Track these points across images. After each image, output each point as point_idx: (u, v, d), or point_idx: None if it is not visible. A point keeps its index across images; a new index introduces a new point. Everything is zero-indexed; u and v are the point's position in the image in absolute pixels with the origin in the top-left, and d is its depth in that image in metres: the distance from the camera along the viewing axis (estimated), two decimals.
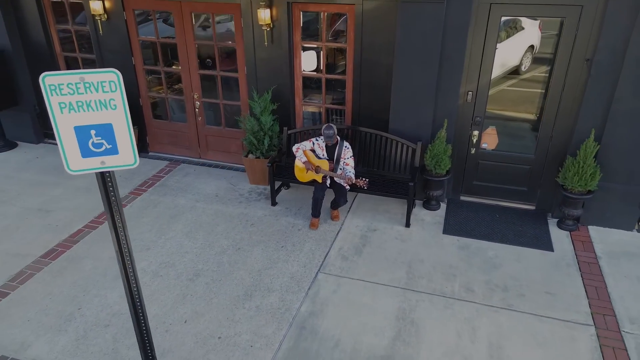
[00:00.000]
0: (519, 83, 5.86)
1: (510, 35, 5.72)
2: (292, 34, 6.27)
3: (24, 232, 5.77)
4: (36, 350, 4.14)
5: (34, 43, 7.53)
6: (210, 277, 5.00)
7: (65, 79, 1.95)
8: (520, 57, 5.88)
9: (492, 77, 5.66)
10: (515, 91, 5.91)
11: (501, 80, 5.90)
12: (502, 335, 4.27)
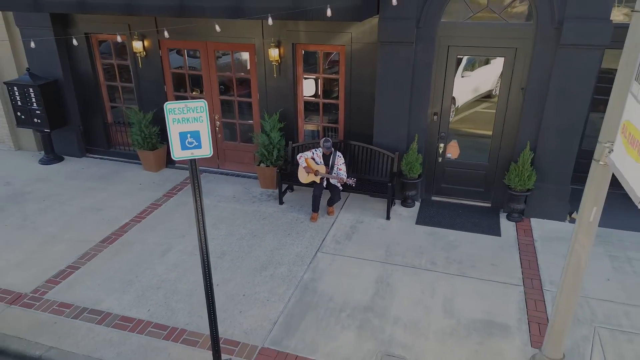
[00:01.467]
0: (491, 106, 7.44)
1: (481, 66, 7.35)
2: (296, 67, 7.90)
3: (84, 225, 7.25)
4: (108, 304, 5.59)
5: (82, 74, 9.14)
6: (233, 256, 6.47)
7: (176, 105, 3.47)
8: (493, 83, 7.46)
9: (467, 100, 7.24)
10: (486, 112, 7.48)
11: (476, 103, 7.48)
12: (455, 292, 5.74)
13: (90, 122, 9.56)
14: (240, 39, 7.85)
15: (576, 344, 4.94)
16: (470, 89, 7.60)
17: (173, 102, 3.49)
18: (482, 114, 7.56)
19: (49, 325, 5.28)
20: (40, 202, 7.92)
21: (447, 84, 7.13)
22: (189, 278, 6.03)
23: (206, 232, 3.94)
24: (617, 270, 6.11)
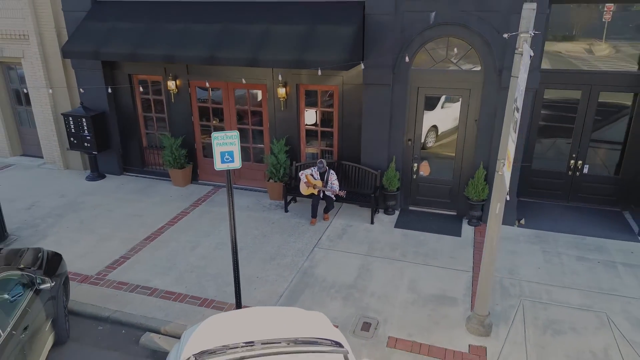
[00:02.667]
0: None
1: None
2: (299, 102, 9.84)
3: (129, 227, 9.10)
4: (154, 283, 7.38)
5: (124, 106, 11.15)
6: (248, 250, 8.26)
7: (219, 134, 5.33)
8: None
9: (448, 128, 9.02)
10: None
11: (455, 130, 9.23)
12: (418, 276, 7.49)
13: (128, 145, 11.52)
14: (255, 80, 9.83)
15: (505, 310, 6.66)
16: (452, 118, 9.34)
17: (217, 132, 5.39)
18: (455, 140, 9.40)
19: (112, 296, 7.07)
20: (92, 210, 9.80)
21: (418, 116, 9.02)
22: (214, 265, 7.82)
23: (235, 223, 5.77)
24: (547, 262, 7.84)
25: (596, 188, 9.52)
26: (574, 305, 6.78)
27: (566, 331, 6.27)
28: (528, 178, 9.75)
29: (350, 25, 8.34)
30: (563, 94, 9.14)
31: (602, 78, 8.81)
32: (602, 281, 7.31)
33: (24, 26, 10.77)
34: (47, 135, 11.76)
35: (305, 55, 8.19)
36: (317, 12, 8.67)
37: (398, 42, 8.45)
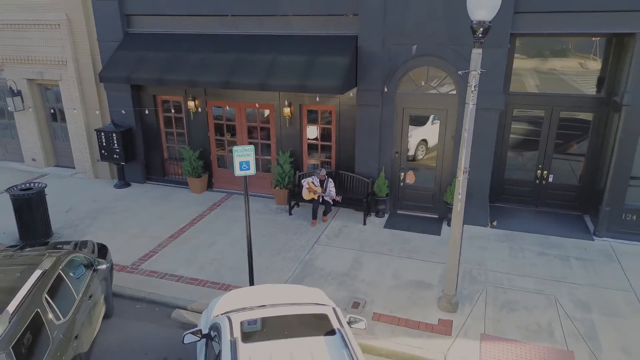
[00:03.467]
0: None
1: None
2: (302, 120, 11.35)
3: (155, 227, 10.57)
4: (180, 272, 8.82)
5: (148, 123, 12.69)
6: (258, 246, 9.69)
7: (239, 147, 6.79)
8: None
9: (436, 143, 10.46)
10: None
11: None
12: (402, 267, 8.90)
13: (150, 157, 13.05)
14: (263, 101, 11.37)
15: (471, 293, 8.06)
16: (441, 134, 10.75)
17: (237, 146, 6.88)
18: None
19: (146, 282, 8.52)
20: (122, 213, 11.29)
21: (404, 132, 10.51)
22: (229, 259, 9.27)
23: (250, 219, 7.22)
24: (511, 256, 9.23)
25: (560, 195, 10.93)
26: (529, 289, 8.16)
27: (519, 309, 7.65)
28: (501, 186, 11.19)
29: (345, 56, 9.88)
30: (530, 112, 10.61)
31: (562, 100, 10.27)
32: (555, 271, 8.69)
33: (63, 53, 12.38)
34: (79, 148, 13.30)
35: (307, 81, 9.72)
36: (317, 44, 10.23)
37: (385, 70, 9.97)
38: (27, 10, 12.29)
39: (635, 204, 9.59)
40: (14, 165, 14.44)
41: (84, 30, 12.01)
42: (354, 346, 4.40)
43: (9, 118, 14.28)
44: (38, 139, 13.84)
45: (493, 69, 9.24)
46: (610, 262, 9.01)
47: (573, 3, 8.73)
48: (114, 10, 11.61)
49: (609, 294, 8.04)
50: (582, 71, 10.14)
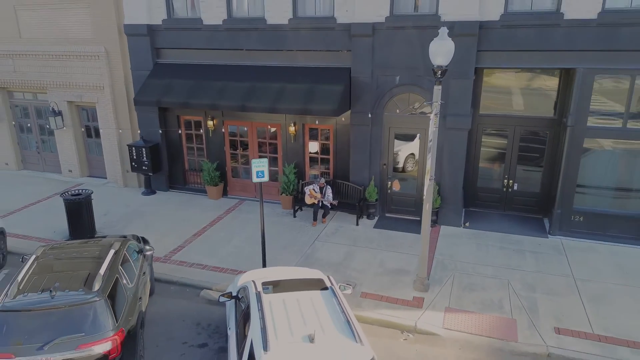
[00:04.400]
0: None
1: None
2: (304, 137, 13.38)
3: (180, 227, 12.53)
4: (205, 262, 10.78)
5: (172, 139, 14.74)
6: (268, 242, 11.59)
7: (257, 160, 8.80)
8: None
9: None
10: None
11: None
12: (386, 258, 10.83)
13: (173, 168, 15.07)
14: (272, 120, 13.42)
15: (441, 278, 9.98)
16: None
17: (255, 159, 8.88)
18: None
19: (177, 269, 10.46)
20: (151, 216, 13.28)
21: (390, 147, 12.51)
22: (245, 252, 11.21)
23: (264, 218, 9.20)
24: (478, 250, 11.15)
25: (523, 200, 12.88)
26: (488, 275, 10.08)
27: (478, 290, 9.57)
28: (475, 193, 13.15)
29: (340, 84, 11.94)
30: (497, 131, 12.60)
31: (524, 120, 12.27)
32: (512, 262, 10.61)
33: (101, 80, 14.49)
34: (112, 161, 15.35)
35: (308, 105, 11.77)
36: (317, 74, 12.29)
37: (374, 96, 12.02)
38: (71, 43, 14.44)
39: (581, 207, 11.53)
40: (52, 176, 16.48)
41: (119, 60, 14.13)
42: (341, 297, 6.31)
43: (49, 134, 16.37)
44: (75, 153, 15.90)
45: (461, 96, 11.29)
46: (558, 255, 10.93)
47: (524, 44, 10.78)
48: (146, 45, 13.73)
49: (552, 278, 9.95)
50: (540, 97, 12.15)
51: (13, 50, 15.16)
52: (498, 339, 8.19)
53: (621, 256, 10.78)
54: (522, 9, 10.77)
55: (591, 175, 11.37)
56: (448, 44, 8.06)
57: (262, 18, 12.54)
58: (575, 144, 11.11)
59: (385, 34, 11.52)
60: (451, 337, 8.33)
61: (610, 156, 11.15)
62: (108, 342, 6.00)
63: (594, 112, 10.89)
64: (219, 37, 13.08)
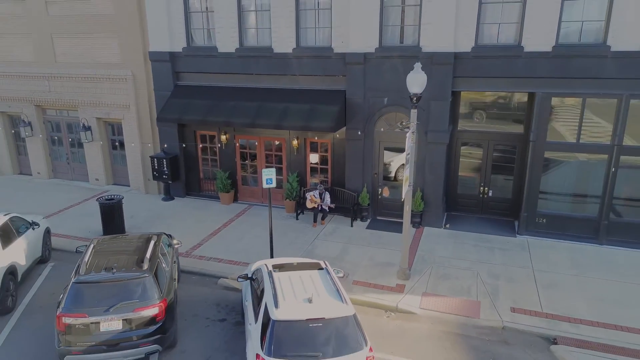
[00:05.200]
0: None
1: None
2: (306, 149, 15.30)
3: (197, 229, 14.40)
4: (221, 256, 12.63)
5: (189, 151, 16.69)
6: (275, 240, 13.47)
7: (266, 169, 10.69)
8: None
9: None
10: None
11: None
12: (376, 253, 12.67)
13: (190, 177, 16.99)
14: (277, 135, 15.36)
15: (421, 269, 11.81)
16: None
17: (264, 168, 10.79)
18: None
19: (197, 262, 12.32)
20: (171, 218, 15.16)
21: (380, 159, 14.40)
22: (255, 248, 13.06)
23: (271, 221, 11.08)
24: (454, 247, 12.98)
25: (497, 205, 14.73)
26: (461, 267, 11.91)
27: (452, 279, 11.39)
28: (455, 199, 15.01)
29: (337, 104, 13.88)
30: (475, 142, 14.50)
31: (496, 136, 14.17)
32: (482, 256, 12.44)
33: (127, 99, 16.47)
34: (135, 170, 17.29)
35: (309, 123, 13.70)
36: (317, 96, 14.24)
37: (366, 115, 13.94)
38: (101, 67, 16.46)
39: (544, 210, 13.37)
40: (81, 184, 18.42)
41: (144, 82, 16.12)
42: (333, 275, 8.12)
43: (78, 147, 18.33)
44: (101, 163, 17.85)
45: (440, 115, 13.22)
46: (522, 251, 12.76)
47: (492, 72, 12.71)
48: (167, 69, 15.73)
49: (515, 270, 11.77)
50: (511, 115, 14.05)
51: (49, 72, 17.18)
52: (464, 316, 10.00)
53: (576, 252, 12.61)
54: (490, 42, 12.72)
55: (552, 183, 13.23)
56: (421, 77, 9.99)
57: (270, 47, 14.54)
58: (537, 156, 12.99)
59: (375, 62, 13.48)
60: (426, 315, 10.15)
61: (567, 167, 13.02)
62: (155, 307, 7.85)
63: (552, 128, 12.79)
64: (232, 63, 15.07)
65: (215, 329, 9.62)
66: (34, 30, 16.94)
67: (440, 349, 9.03)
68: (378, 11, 13.07)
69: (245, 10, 14.63)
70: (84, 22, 16.23)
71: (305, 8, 14.02)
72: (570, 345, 9.00)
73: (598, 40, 11.88)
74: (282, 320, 6.77)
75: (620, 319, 9.70)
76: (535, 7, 11.98)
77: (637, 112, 12.04)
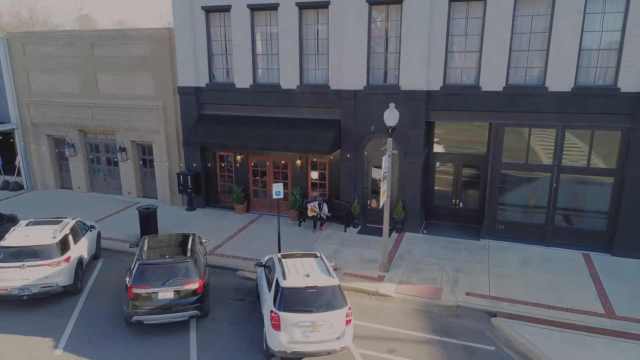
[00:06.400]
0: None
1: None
2: (307, 167, 18.38)
3: (218, 233, 17.39)
4: (238, 254, 15.60)
5: (209, 169, 19.79)
6: (282, 242, 16.45)
7: (276, 184, 13.66)
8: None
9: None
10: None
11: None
12: (363, 253, 15.61)
13: (209, 190, 20.07)
14: (284, 155, 18.46)
15: (399, 264, 14.74)
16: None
17: (274, 183, 13.85)
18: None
19: (219, 259, 15.28)
20: (195, 225, 18.18)
21: (369, 176, 17.44)
22: (266, 249, 16.01)
23: (279, 227, 14.10)
24: (428, 248, 15.92)
25: (467, 215, 17.68)
26: (431, 263, 14.82)
27: (422, 271, 14.30)
28: (432, 210, 17.98)
29: (332, 131, 16.98)
30: (447, 162, 17.52)
31: (464, 157, 17.20)
32: (449, 255, 15.35)
33: (157, 126, 19.67)
34: (162, 185, 20.39)
35: (310, 146, 16.79)
36: (316, 124, 17.36)
37: (357, 140, 17.03)
38: (137, 99, 19.70)
39: (502, 218, 16.31)
40: (115, 197, 21.53)
41: (173, 111, 19.33)
42: (326, 261, 11.08)
43: (113, 165, 21.50)
44: (133, 179, 20.98)
45: (416, 141, 16.27)
46: (483, 251, 15.68)
47: (457, 106, 15.79)
48: (193, 101, 18.93)
49: (474, 265, 14.67)
50: (476, 139, 17.08)
51: (92, 103, 20.44)
52: (428, 298, 12.89)
53: (526, 252, 15.52)
54: (455, 82, 15.84)
55: (508, 196, 16.20)
56: (395, 113, 13.08)
57: (278, 84, 17.73)
58: (495, 174, 15.99)
59: (363, 97, 16.61)
60: (399, 297, 13.05)
61: (519, 182, 16.00)
62: (196, 283, 10.82)
63: (507, 149, 15.81)
64: (246, 97, 18.25)
65: (236, 305, 12.56)
66: (81, 67, 20.25)
67: (406, 319, 11.93)
68: (366, 57, 16.25)
69: (258, 54, 17.87)
70: (123, 62, 19.53)
71: (307, 53, 17.25)
72: (506, 318, 11.87)
73: (539, 82, 14.97)
74: (288, 287, 9.75)
75: (549, 301, 12.57)
76: (489, 56, 15.11)
77: (571, 139, 15.06)
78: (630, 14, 13.57)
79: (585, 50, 14.29)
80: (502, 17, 14.65)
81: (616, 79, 14.11)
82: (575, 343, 10.80)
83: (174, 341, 10.80)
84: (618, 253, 14.95)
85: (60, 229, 12.77)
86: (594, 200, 15.38)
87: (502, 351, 10.67)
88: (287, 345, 9.48)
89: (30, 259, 11.71)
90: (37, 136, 22.07)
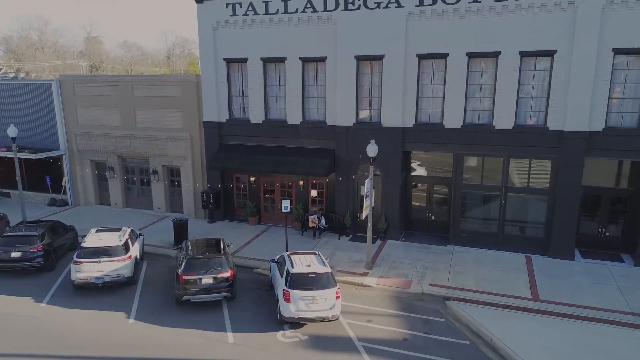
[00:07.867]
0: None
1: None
2: (308, 187, 22.56)
3: (235, 240, 21.42)
4: (253, 256, 19.71)
5: (227, 188, 24.00)
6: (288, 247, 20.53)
7: (284, 200, 17.75)
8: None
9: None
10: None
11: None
12: (353, 255, 19.66)
13: (227, 206, 24.21)
14: (289, 177, 22.66)
15: (381, 263, 18.80)
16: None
17: (283, 199, 18.01)
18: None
19: (239, 261, 19.34)
20: (216, 234, 22.23)
21: (358, 193, 21.59)
22: (274, 253, 20.00)
23: (287, 235, 18.22)
24: (404, 251, 19.99)
25: (438, 225, 21.79)
26: (406, 263, 18.88)
27: (398, 269, 18.35)
28: (410, 222, 22.09)
29: (328, 158, 21.19)
30: (421, 183, 21.69)
31: (435, 179, 21.37)
32: (421, 257, 19.40)
33: (185, 153, 23.91)
34: (188, 201, 24.54)
35: (310, 170, 21.00)
36: (315, 152, 21.58)
37: (348, 165, 21.24)
38: (168, 131, 23.98)
39: (465, 228, 20.42)
40: (147, 212, 25.66)
41: (198, 141, 23.60)
42: (323, 257, 15.15)
43: (146, 185, 25.68)
44: (163, 196, 25.14)
45: (395, 166, 20.48)
46: (448, 254, 19.75)
47: (427, 139, 20.02)
48: (215, 133, 23.20)
49: (439, 264, 18.73)
50: (445, 165, 21.27)
51: (131, 134, 24.71)
52: (400, 288, 16.93)
53: (481, 255, 19.59)
54: (425, 121, 20.11)
55: (468, 210, 20.33)
56: (374, 147, 17.30)
57: (285, 120, 22.04)
58: (458, 192, 20.15)
59: (353, 132, 20.87)
60: (379, 287, 17.08)
61: (477, 199, 20.15)
62: (228, 272, 14.90)
63: (467, 171, 19.98)
64: (259, 129, 22.53)
65: (254, 293, 16.61)
66: (122, 104, 24.58)
67: (382, 302, 15.95)
68: (354, 100, 20.57)
69: (269, 97, 22.22)
70: (158, 101, 23.86)
71: (308, 96, 21.60)
72: (457, 301, 15.90)
73: (489, 121, 19.23)
74: (295, 273, 13.86)
75: (491, 289, 16.60)
76: (451, 100, 19.38)
77: (515, 166, 19.26)
78: (554, 71, 17.90)
79: (522, 98, 18.59)
80: (459, 72, 18.98)
81: (545, 120, 18.38)
82: (504, 317, 14.83)
83: (212, 314, 14.85)
84: (553, 255, 19.02)
85: (123, 234, 16.91)
86: (534, 213, 19.53)
87: (449, 322, 14.70)
88: (294, 313, 13.55)
89: (104, 256, 15.82)
90: (82, 161, 26.31)
